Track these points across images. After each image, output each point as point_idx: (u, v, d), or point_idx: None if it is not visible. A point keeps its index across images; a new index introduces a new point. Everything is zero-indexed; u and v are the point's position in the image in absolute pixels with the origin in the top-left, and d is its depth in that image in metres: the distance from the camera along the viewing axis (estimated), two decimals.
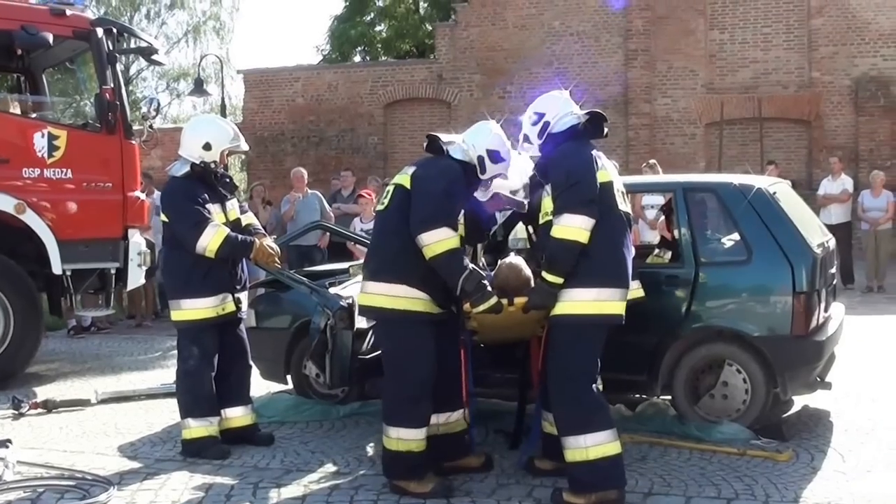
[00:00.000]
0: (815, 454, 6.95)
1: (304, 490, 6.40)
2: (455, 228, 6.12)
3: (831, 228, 14.86)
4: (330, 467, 6.93)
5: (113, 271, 10.97)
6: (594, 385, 5.99)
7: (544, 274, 5.96)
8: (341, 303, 7.31)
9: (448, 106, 26.39)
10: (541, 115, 6.30)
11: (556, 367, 6.01)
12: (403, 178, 6.33)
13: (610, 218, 5.99)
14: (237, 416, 7.56)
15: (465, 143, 6.45)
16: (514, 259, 6.62)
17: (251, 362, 7.84)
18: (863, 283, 17.18)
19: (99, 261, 10.86)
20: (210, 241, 7.12)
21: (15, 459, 6.90)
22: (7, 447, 7.24)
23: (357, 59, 37.06)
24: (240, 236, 7.37)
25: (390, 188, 6.42)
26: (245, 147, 7.78)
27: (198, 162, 7.36)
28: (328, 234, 13.94)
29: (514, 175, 6.72)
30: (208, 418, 7.30)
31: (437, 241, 5.97)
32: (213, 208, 7.35)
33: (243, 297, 7.67)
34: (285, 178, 17.07)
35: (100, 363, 11.95)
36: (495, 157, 6.41)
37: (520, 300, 6.21)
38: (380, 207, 6.49)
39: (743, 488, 6.22)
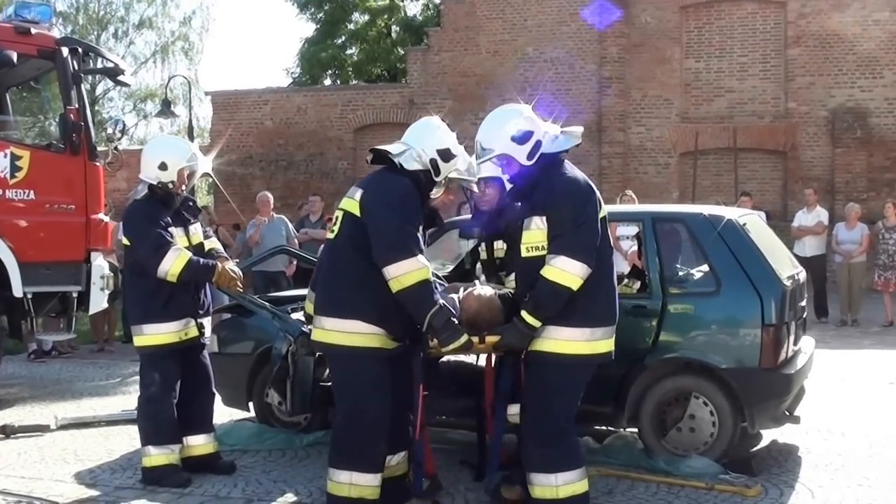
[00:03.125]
0: (783, 489, 7.01)
1: None
2: (423, 254, 5.83)
3: (805, 261, 15.13)
4: (291, 497, 6.95)
5: (75, 295, 10.93)
6: (573, 425, 5.93)
7: (525, 314, 5.74)
8: (303, 328, 7.30)
9: None
10: (528, 133, 5.93)
11: (539, 407, 5.86)
12: (350, 203, 6.02)
13: (604, 254, 5.89)
14: (199, 443, 7.53)
15: (414, 148, 6.14)
16: (482, 290, 6.27)
17: (214, 389, 7.83)
18: (836, 317, 17.31)
19: (61, 284, 10.81)
20: (172, 265, 7.11)
21: None
22: None
23: (327, 82, 37.09)
24: (202, 260, 7.36)
25: (338, 214, 6.14)
26: (205, 168, 7.72)
27: (155, 182, 7.34)
28: (295, 261, 13.97)
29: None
30: (169, 446, 7.26)
31: (406, 272, 5.66)
32: (176, 232, 7.34)
33: (206, 322, 7.67)
34: (253, 201, 17.09)
35: (60, 388, 11.93)
36: (446, 155, 6.12)
37: (491, 339, 5.96)
38: (330, 235, 6.24)
39: None
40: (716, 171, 25.00)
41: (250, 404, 8.80)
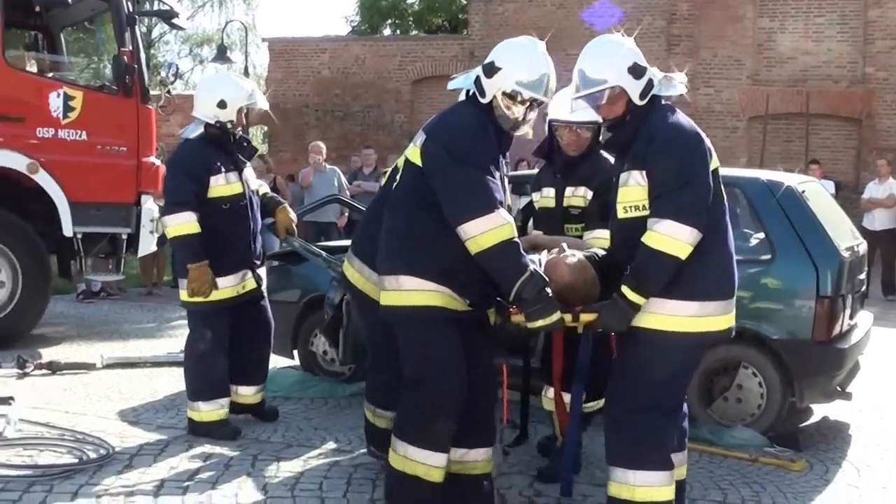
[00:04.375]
0: (829, 466, 7.03)
1: (303, 465, 6.58)
2: (506, 208, 5.12)
3: (875, 235, 14.99)
4: (331, 444, 7.13)
5: (124, 237, 11.21)
6: (672, 416, 5.18)
7: (626, 291, 4.86)
8: None
9: None
10: (643, 68, 5.18)
11: (630, 392, 5.04)
12: (413, 151, 5.34)
13: (717, 213, 5.02)
14: (249, 394, 7.55)
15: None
16: (577, 258, 5.34)
17: (272, 340, 7.74)
18: None
19: (110, 225, 11.11)
20: (174, 226, 6.95)
21: (17, 417, 7.18)
22: (10, 404, 7.60)
23: (387, 31, 37.13)
24: (198, 244, 6.95)
25: (400, 161, 5.57)
26: (264, 105, 7.44)
27: (213, 122, 7.13)
28: (347, 213, 14.17)
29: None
30: (219, 401, 7.17)
31: (484, 231, 4.94)
32: (231, 176, 7.15)
33: (262, 272, 7.55)
34: (307, 152, 17.33)
35: (107, 328, 12.29)
36: (489, 69, 5.40)
37: (586, 317, 5.11)
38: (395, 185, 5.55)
39: (750, 495, 6.33)
40: (786, 137, 24.61)
41: (295, 352, 9.05)
